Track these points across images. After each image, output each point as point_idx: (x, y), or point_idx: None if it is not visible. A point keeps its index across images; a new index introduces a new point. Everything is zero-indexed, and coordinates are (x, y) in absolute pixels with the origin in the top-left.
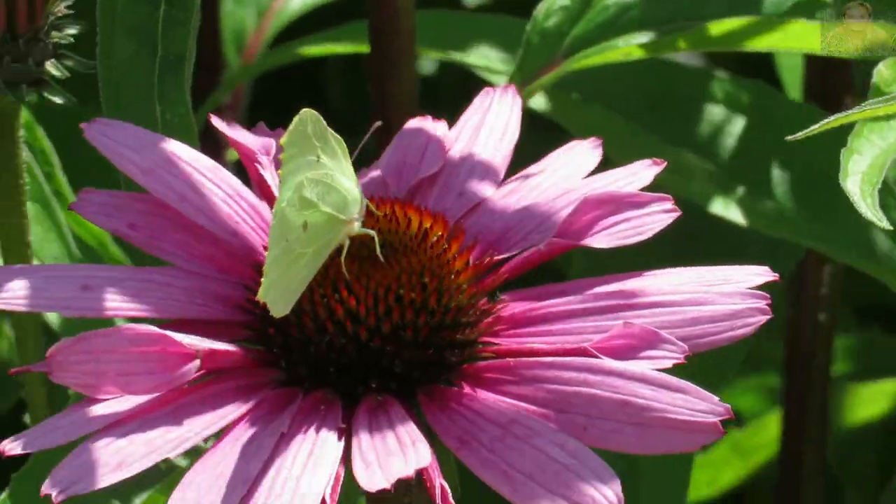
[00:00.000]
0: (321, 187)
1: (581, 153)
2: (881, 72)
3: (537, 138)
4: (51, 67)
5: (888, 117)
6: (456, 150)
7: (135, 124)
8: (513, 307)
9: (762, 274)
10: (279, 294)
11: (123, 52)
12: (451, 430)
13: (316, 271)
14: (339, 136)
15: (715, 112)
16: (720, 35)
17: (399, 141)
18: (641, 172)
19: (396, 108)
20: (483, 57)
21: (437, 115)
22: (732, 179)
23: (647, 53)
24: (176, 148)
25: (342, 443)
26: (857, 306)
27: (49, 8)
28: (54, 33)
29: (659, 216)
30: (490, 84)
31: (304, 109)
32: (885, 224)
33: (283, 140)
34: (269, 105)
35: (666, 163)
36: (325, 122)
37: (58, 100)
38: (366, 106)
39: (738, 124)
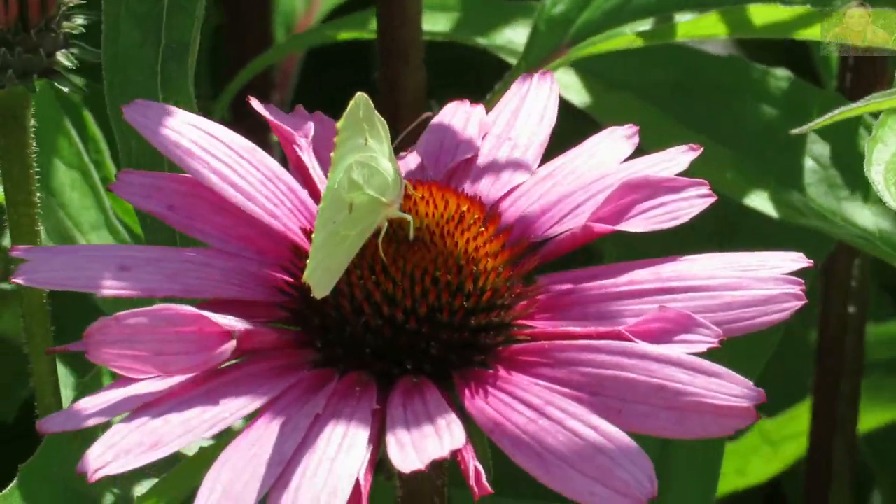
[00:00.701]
0: (367, 170)
1: (617, 139)
2: None
3: (570, 126)
4: (62, 58)
5: None
6: (493, 135)
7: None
8: (548, 290)
9: (797, 260)
10: (322, 275)
11: (128, 39)
12: (485, 412)
13: (355, 253)
14: (383, 119)
15: (741, 100)
16: (728, 22)
17: (437, 124)
18: (678, 157)
19: (404, 94)
20: (507, 41)
21: (448, 98)
22: (759, 169)
23: (651, 41)
24: (214, 129)
25: (377, 424)
26: None
27: None
28: (65, 23)
29: (695, 201)
30: (508, 66)
31: (358, 94)
32: None
33: (339, 124)
34: (315, 80)
35: (702, 148)
36: (372, 105)
37: (68, 90)
38: None
39: (764, 113)
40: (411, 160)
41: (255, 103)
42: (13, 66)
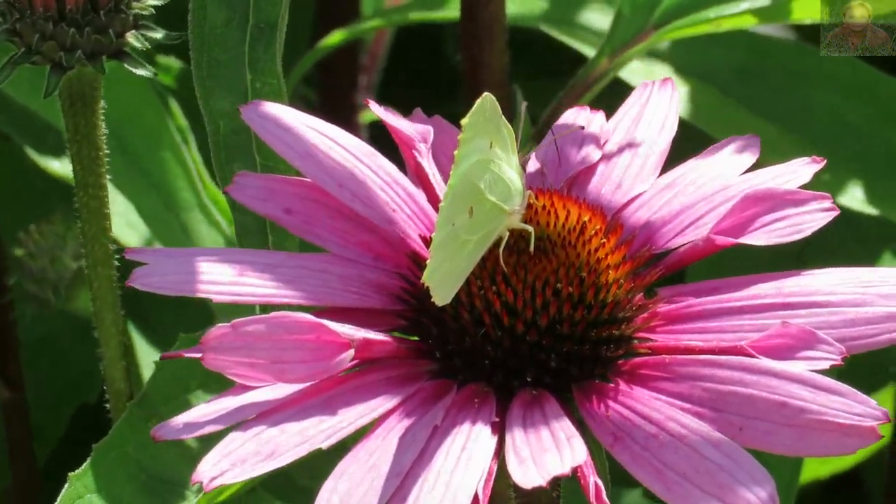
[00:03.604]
0: (489, 175)
1: (738, 149)
2: None
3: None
4: (132, 39)
5: None
6: (614, 143)
7: (226, 92)
8: (669, 303)
9: None
10: (443, 279)
11: (215, 19)
12: (605, 426)
13: (478, 260)
14: (510, 126)
15: (809, 86)
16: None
17: (556, 131)
18: (800, 170)
19: (488, 76)
20: (581, 26)
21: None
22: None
23: (741, 23)
24: (333, 132)
25: (496, 437)
26: None
27: None
28: (135, 4)
29: (817, 214)
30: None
31: (485, 94)
32: None
33: (464, 121)
34: (396, 62)
35: (825, 161)
36: (500, 110)
37: (140, 72)
38: None
39: (832, 99)
40: (530, 165)
41: (374, 106)
42: (82, 47)
